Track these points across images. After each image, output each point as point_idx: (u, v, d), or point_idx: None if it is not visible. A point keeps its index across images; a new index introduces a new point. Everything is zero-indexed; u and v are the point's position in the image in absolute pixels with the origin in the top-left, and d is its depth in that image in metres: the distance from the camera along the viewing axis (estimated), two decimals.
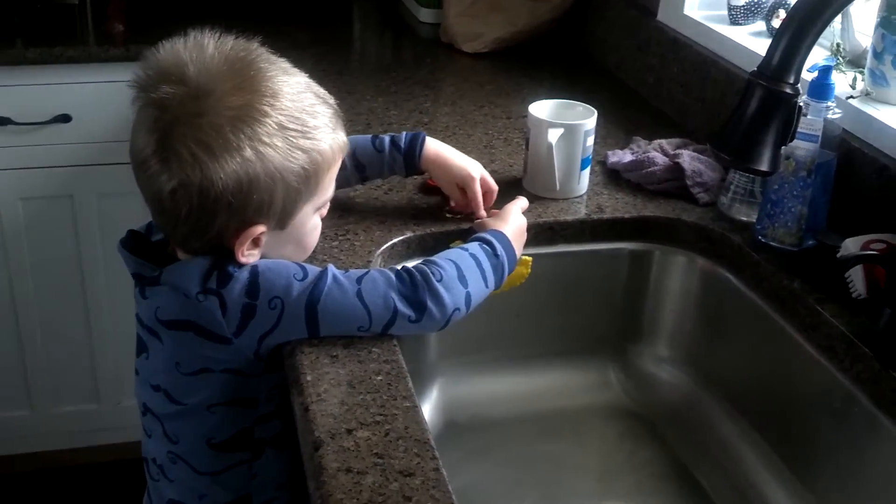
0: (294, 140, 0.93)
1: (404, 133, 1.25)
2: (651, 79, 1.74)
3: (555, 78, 1.87)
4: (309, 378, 0.91)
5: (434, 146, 1.23)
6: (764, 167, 1.01)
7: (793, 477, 1.12)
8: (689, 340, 1.31)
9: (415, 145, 1.23)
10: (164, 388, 1.04)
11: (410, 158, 1.23)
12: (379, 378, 0.92)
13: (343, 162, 1.13)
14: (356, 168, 1.24)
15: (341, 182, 1.15)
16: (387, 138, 1.24)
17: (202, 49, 0.93)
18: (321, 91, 1.00)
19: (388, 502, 0.77)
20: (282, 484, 1.09)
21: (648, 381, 1.32)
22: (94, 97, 1.92)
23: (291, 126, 0.93)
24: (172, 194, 0.91)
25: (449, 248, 1.21)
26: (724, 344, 1.26)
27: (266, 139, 0.91)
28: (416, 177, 1.32)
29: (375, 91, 1.73)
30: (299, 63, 1.00)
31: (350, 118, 1.56)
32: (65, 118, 1.91)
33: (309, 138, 0.95)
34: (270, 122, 0.91)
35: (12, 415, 2.18)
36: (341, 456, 0.81)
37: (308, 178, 0.96)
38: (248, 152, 0.90)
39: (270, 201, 0.93)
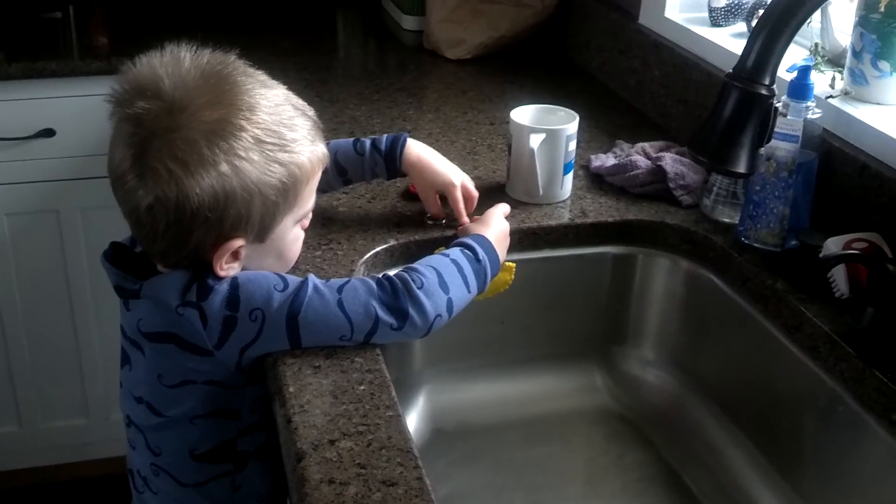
0: (271, 154, 0.93)
1: (386, 135, 1.24)
2: (633, 82, 1.74)
3: (537, 83, 1.87)
4: (291, 389, 0.90)
5: (417, 149, 1.22)
6: (741, 169, 1.02)
7: (779, 477, 1.12)
8: (674, 342, 1.31)
9: (395, 147, 1.22)
10: (146, 399, 1.03)
11: (391, 161, 1.22)
12: (362, 388, 0.92)
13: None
14: (338, 172, 1.24)
15: (323, 186, 1.14)
16: (368, 141, 1.23)
17: (178, 63, 0.93)
18: (300, 103, 1.00)
19: None
20: (265, 496, 1.09)
21: (634, 384, 1.32)
22: (78, 111, 1.91)
23: (268, 140, 0.93)
24: (149, 210, 0.91)
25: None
26: (709, 345, 1.26)
27: (242, 153, 0.91)
28: (399, 184, 1.32)
29: (358, 99, 1.73)
30: (282, 71, 1.00)
31: (333, 127, 1.56)
32: (48, 132, 1.91)
33: (287, 151, 0.94)
34: (247, 136, 0.91)
35: (1, 431, 2.17)
36: (324, 467, 0.81)
37: (287, 192, 0.95)
38: (224, 167, 0.90)
39: (248, 215, 0.93)
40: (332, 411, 0.88)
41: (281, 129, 0.94)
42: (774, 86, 1.00)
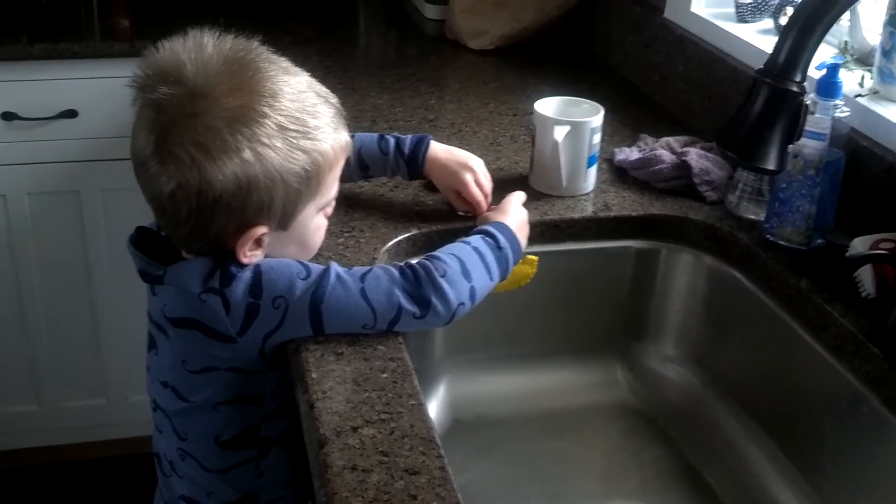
0: (294, 141, 0.92)
1: (409, 137, 1.23)
2: (656, 76, 1.73)
3: (560, 75, 1.86)
4: (314, 375, 0.90)
5: (437, 151, 1.22)
6: (770, 166, 1.01)
7: (799, 476, 1.12)
8: (695, 339, 1.30)
9: (419, 150, 1.22)
10: (171, 384, 1.04)
11: (413, 164, 1.22)
12: (384, 376, 0.91)
13: (347, 157, 1.12)
14: (360, 167, 1.24)
15: (345, 178, 1.14)
16: (392, 141, 1.23)
17: (201, 49, 0.93)
18: (323, 90, 1.00)
19: (394, 500, 0.77)
20: (289, 482, 1.09)
21: (654, 380, 1.32)
22: (101, 92, 1.92)
23: (292, 127, 0.92)
24: (171, 196, 0.91)
25: None
26: (731, 343, 1.26)
27: (265, 140, 0.90)
28: None
29: (380, 88, 1.73)
30: (304, 59, 1.00)
31: (355, 115, 1.56)
32: (71, 113, 1.91)
33: (310, 139, 0.94)
34: (270, 123, 0.91)
35: (20, 409, 2.18)
36: (346, 454, 0.81)
37: (309, 179, 0.95)
38: (247, 154, 0.90)
39: (270, 202, 0.93)
40: (354, 398, 0.88)
41: (304, 117, 0.94)
42: (805, 83, 1.00)
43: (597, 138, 1.30)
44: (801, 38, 0.98)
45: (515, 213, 1.14)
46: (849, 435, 1.04)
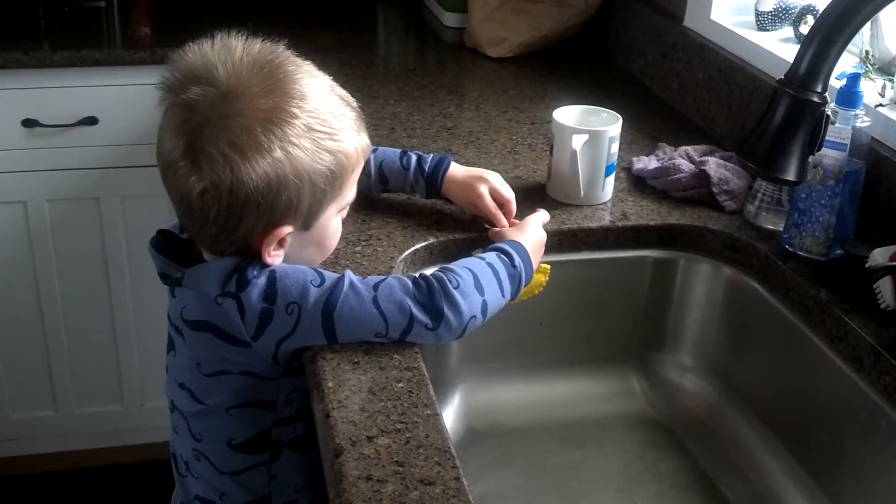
0: (321, 142, 0.94)
1: (431, 155, 1.24)
2: (676, 84, 1.73)
3: (579, 83, 1.86)
4: (330, 384, 0.90)
5: (454, 171, 1.23)
6: (791, 177, 1.00)
7: (817, 489, 1.11)
8: (713, 349, 1.29)
9: (439, 170, 1.22)
10: (187, 386, 1.05)
11: (432, 182, 1.23)
12: (400, 385, 0.91)
13: (367, 169, 1.13)
14: (380, 180, 1.25)
15: (363, 188, 1.15)
16: (414, 157, 1.24)
17: (230, 51, 0.94)
18: (345, 94, 1.01)
19: None
20: (301, 486, 1.09)
21: (671, 391, 1.31)
22: (122, 100, 1.93)
23: (319, 128, 0.94)
24: (202, 195, 0.92)
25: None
26: (749, 354, 1.25)
27: (295, 140, 0.92)
28: None
29: (399, 95, 1.73)
30: (323, 67, 1.00)
31: (373, 123, 1.56)
32: (91, 120, 1.93)
33: (335, 140, 0.95)
34: (299, 124, 0.92)
35: (37, 414, 2.20)
36: (362, 463, 0.81)
37: (334, 180, 0.96)
38: (278, 153, 0.91)
39: (298, 202, 0.94)
40: (370, 408, 0.88)
41: (330, 119, 0.95)
42: (826, 93, 0.99)
43: (615, 147, 1.29)
44: (822, 48, 0.97)
45: (532, 233, 1.14)
46: (868, 448, 1.03)
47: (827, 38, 0.97)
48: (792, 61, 1.00)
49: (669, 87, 1.76)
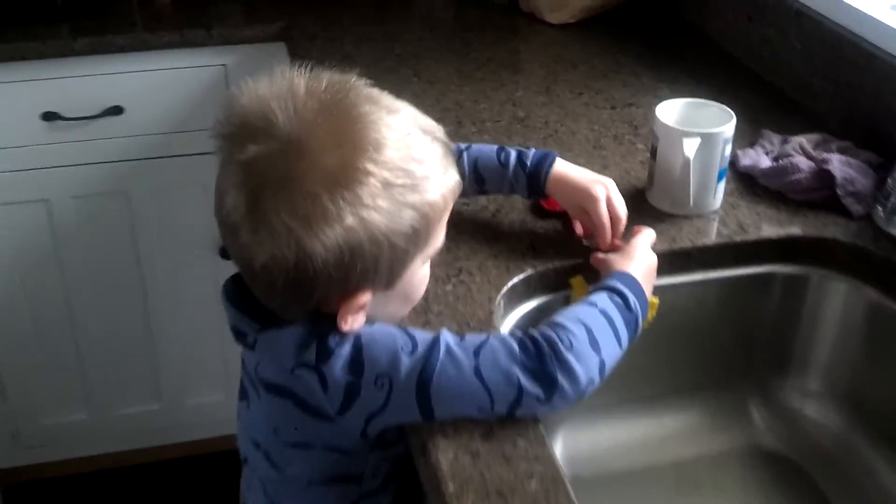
0: (401, 197, 0.79)
1: (533, 150, 1.10)
2: (765, 53, 1.55)
3: (653, 52, 1.68)
4: (452, 489, 0.76)
5: (561, 167, 1.08)
6: None
7: None
8: (846, 376, 1.15)
9: (542, 166, 1.07)
10: (263, 448, 0.93)
11: (535, 179, 1.08)
12: (533, 485, 0.77)
13: (461, 169, 0.97)
14: (475, 180, 1.11)
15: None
16: (513, 153, 1.10)
17: (292, 92, 0.79)
18: (429, 124, 0.85)
19: None
20: None
21: (797, 421, 1.17)
22: (148, 86, 1.76)
23: (398, 182, 0.78)
24: (265, 267, 0.78)
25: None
26: (887, 380, 1.10)
27: (369, 202, 0.77)
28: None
29: (459, 78, 1.56)
30: (369, 43, 0.83)
31: (437, 116, 1.36)
32: (117, 110, 1.76)
33: (418, 192, 0.80)
34: (374, 182, 0.77)
35: (71, 419, 2.08)
36: None
37: (418, 237, 0.82)
38: (350, 220, 0.76)
39: (375, 267, 0.80)
40: None
41: (411, 167, 0.79)
42: None
43: (728, 149, 1.13)
44: None
45: (642, 260, 1.00)
46: None
47: None
48: None
49: (757, 54, 1.57)
